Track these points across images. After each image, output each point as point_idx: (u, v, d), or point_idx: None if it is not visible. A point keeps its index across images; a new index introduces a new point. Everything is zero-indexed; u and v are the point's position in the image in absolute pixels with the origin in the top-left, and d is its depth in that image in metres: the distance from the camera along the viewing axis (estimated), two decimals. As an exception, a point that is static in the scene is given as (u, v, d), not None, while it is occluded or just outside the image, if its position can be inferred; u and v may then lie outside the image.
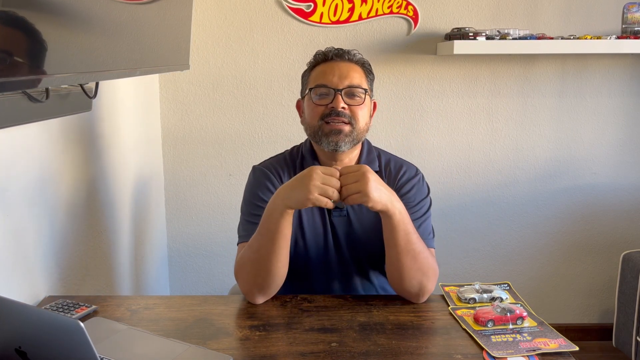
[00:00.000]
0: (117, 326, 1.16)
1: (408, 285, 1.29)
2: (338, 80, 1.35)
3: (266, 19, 2.34)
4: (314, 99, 1.37)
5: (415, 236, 1.27)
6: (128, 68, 1.25)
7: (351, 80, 1.35)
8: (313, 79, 1.40)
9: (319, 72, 1.39)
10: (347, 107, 1.35)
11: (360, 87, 1.36)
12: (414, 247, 1.27)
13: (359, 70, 1.39)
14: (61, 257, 1.45)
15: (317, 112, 1.36)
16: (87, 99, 1.38)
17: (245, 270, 1.29)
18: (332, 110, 1.34)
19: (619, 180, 2.55)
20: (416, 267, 1.27)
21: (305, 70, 1.45)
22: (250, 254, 1.29)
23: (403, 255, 1.26)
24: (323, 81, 1.36)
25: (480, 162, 2.51)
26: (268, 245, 1.25)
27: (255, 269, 1.27)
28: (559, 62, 2.44)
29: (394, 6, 2.34)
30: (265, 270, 1.26)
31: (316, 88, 1.37)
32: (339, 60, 1.39)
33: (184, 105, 2.40)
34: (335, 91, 1.34)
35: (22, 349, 0.87)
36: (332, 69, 1.37)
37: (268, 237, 1.25)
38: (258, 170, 1.45)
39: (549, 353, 1.09)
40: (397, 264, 1.28)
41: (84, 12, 0.97)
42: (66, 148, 1.48)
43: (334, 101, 1.34)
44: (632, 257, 2.31)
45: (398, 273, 1.29)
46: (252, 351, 1.10)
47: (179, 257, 2.53)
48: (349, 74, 1.36)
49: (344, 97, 1.35)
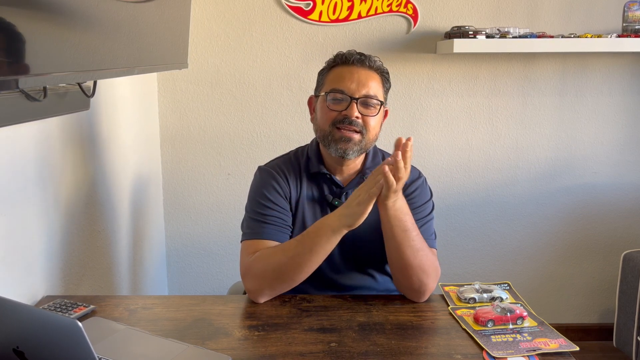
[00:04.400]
0: (116, 326, 1.16)
1: (409, 282, 1.30)
2: (356, 88, 1.34)
3: (265, 18, 2.34)
4: (328, 103, 1.36)
5: (414, 233, 1.28)
6: (126, 67, 1.24)
7: (368, 90, 1.35)
8: (330, 80, 1.38)
9: (338, 74, 1.38)
10: (361, 117, 1.34)
11: (376, 97, 1.36)
12: (413, 244, 1.28)
13: (377, 79, 1.38)
14: (59, 257, 1.44)
15: (330, 116, 1.35)
16: (85, 98, 1.38)
17: (263, 269, 1.29)
18: (345, 118, 1.34)
19: (619, 179, 2.55)
20: (416, 263, 1.28)
21: (323, 68, 1.43)
22: (281, 256, 1.29)
23: (402, 249, 1.28)
24: (341, 86, 1.35)
25: (480, 161, 2.51)
26: (307, 256, 1.27)
27: (281, 272, 1.28)
28: (559, 61, 2.43)
29: (393, 4, 2.33)
30: (291, 277, 1.28)
31: (332, 92, 1.36)
32: (359, 65, 1.37)
33: (183, 104, 2.39)
34: (352, 99, 1.34)
35: (19, 349, 0.86)
36: (351, 74, 1.36)
37: (309, 248, 1.26)
38: (264, 170, 1.45)
39: (549, 353, 1.09)
40: (397, 258, 1.29)
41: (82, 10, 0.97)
42: (64, 147, 1.47)
43: (349, 109, 1.34)
44: (633, 256, 2.30)
45: (399, 268, 1.30)
46: (251, 351, 1.09)
47: (178, 257, 2.53)
48: (367, 82, 1.35)
49: (359, 106, 1.34)
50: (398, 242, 1.28)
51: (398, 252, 1.29)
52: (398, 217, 1.26)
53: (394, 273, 1.33)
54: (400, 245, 1.28)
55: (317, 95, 1.43)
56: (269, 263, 1.29)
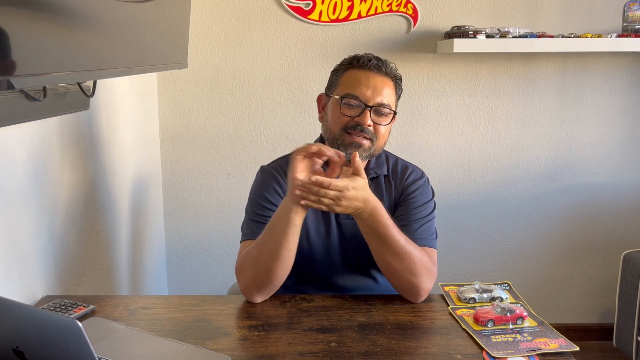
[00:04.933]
0: (115, 326, 1.16)
1: (398, 284, 1.31)
2: (371, 95, 1.33)
3: (265, 17, 2.34)
4: (342, 107, 1.35)
5: (393, 238, 1.26)
6: (126, 66, 1.24)
7: (382, 99, 1.34)
8: (345, 83, 1.37)
9: (353, 78, 1.36)
10: (372, 124, 1.33)
11: (389, 107, 1.35)
12: (393, 249, 1.26)
13: (391, 86, 1.37)
14: (59, 257, 1.44)
15: (341, 121, 1.34)
16: (85, 98, 1.38)
17: (246, 267, 1.29)
18: (358, 125, 1.33)
19: (619, 179, 2.54)
20: (402, 266, 1.28)
21: (338, 68, 1.41)
22: (253, 250, 1.29)
23: (382, 254, 1.28)
24: (356, 92, 1.34)
25: (480, 161, 2.51)
26: (273, 243, 1.25)
27: (256, 266, 1.27)
28: (559, 61, 2.43)
29: (393, 4, 2.33)
30: (268, 268, 1.26)
31: (347, 97, 1.34)
32: (376, 71, 1.35)
33: (182, 104, 2.39)
34: (366, 106, 1.33)
35: (19, 349, 0.86)
36: (367, 79, 1.34)
37: (274, 235, 1.25)
38: (266, 171, 1.44)
39: (549, 353, 1.09)
40: (381, 262, 1.30)
41: (81, 10, 0.97)
42: (64, 147, 1.47)
43: (362, 116, 1.33)
44: (633, 256, 2.30)
45: (385, 272, 1.32)
46: (250, 351, 1.09)
47: (177, 257, 2.53)
48: (382, 90, 1.34)
49: (372, 114, 1.33)
50: (374, 247, 1.29)
51: (379, 257, 1.29)
52: (369, 225, 1.25)
53: (385, 276, 1.34)
54: (378, 251, 1.28)
55: (328, 95, 1.42)
56: (248, 259, 1.30)
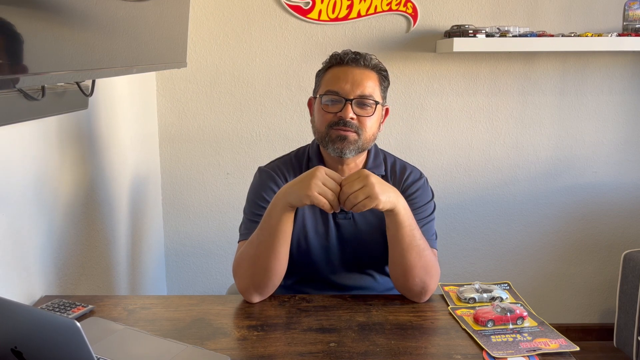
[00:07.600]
0: (114, 326, 1.15)
1: (411, 284, 1.29)
2: (350, 89, 1.33)
3: (264, 16, 2.33)
4: (323, 105, 1.35)
5: (418, 233, 1.28)
6: (125, 66, 1.24)
7: (363, 90, 1.33)
8: (326, 82, 1.37)
9: (333, 76, 1.37)
10: (356, 117, 1.33)
11: (371, 97, 1.34)
12: (419, 244, 1.27)
13: (373, 78, 1.36)
14: (57, 257, 1.44)
15: (325, 118, 1.35)
16: (84, 97, 1.37)
17: (242, 267, 1.29)
18: (340, 119, 1.33)
19: (620, 179, 2.54)
20: (420, 264, 1.27)
21: (320, 69, 1.43)
22: (249, 250, 1.29)
23: (408, 252, 1.26)
24: (335, 88, 1.34)
25: (480, 161, 2.50)
26: (267, 242, 1.25)
27: (253, 265, 1.27)
28: (559, 60, 2.43)
29: (393, 3, 2.33)
30: (263, 267, 1.26)
31: (327, 94, 1.35)
32: (354, 65, 1.35)
33: (181, 103, 2.39)
34: (346, 100, 1.33)
35: (18, 349, 0.86)
36: (345, 75, 1.34)
37: (268, 233, 1.25)
38: (264, 171, 1.44)
39: (549, 353, 1.08)
40: (402, 261, 1.28)
41: (80, 9, 0.96)
42: (62, 146, 1.47)
43: (343, 111, 1.33)
44: (633, 256, 2.30)
45: (402, 271, 1.29)
46: (250, 351, 1.09)
47: (176, 257, 2.52)
48: (362, 82, 1.34)
49: (354, 106, 1.33)
50: (406, 244, 1.26)
51: (404, 254, 1.27)
52: (400, 221, 1.25)
53: (396, 275, 1.31)
54: (408, 247, 1.26)
55: (315, 97, 1.43)
56: (242, 259, 1.30)
